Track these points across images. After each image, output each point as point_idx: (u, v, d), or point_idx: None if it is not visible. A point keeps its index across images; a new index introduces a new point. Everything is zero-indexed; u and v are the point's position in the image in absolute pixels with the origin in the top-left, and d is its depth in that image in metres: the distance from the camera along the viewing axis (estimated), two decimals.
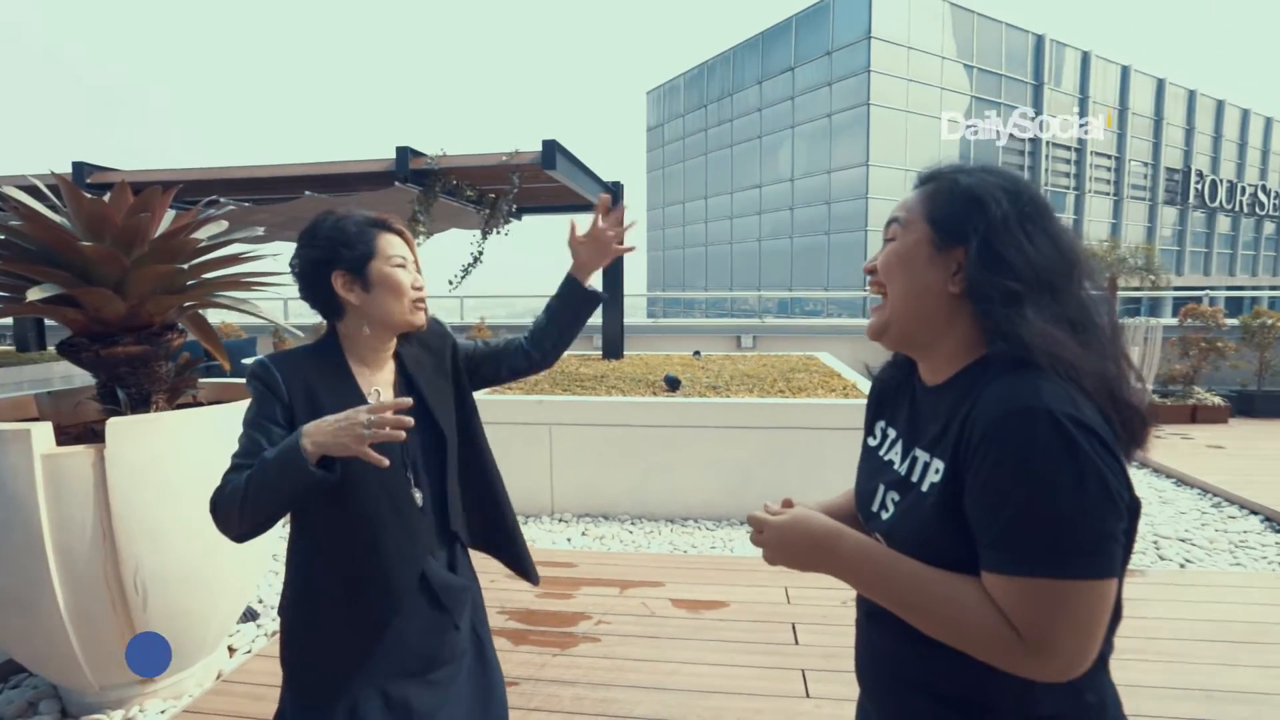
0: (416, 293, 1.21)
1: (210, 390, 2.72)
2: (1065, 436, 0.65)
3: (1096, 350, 0.73)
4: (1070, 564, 0.64)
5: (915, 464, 0.82)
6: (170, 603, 2.08)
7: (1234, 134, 37.45)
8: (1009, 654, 0.67)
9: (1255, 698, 2.16)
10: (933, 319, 0.80)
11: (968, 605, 0.70)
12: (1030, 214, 0.76)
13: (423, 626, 1.20)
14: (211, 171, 5.16)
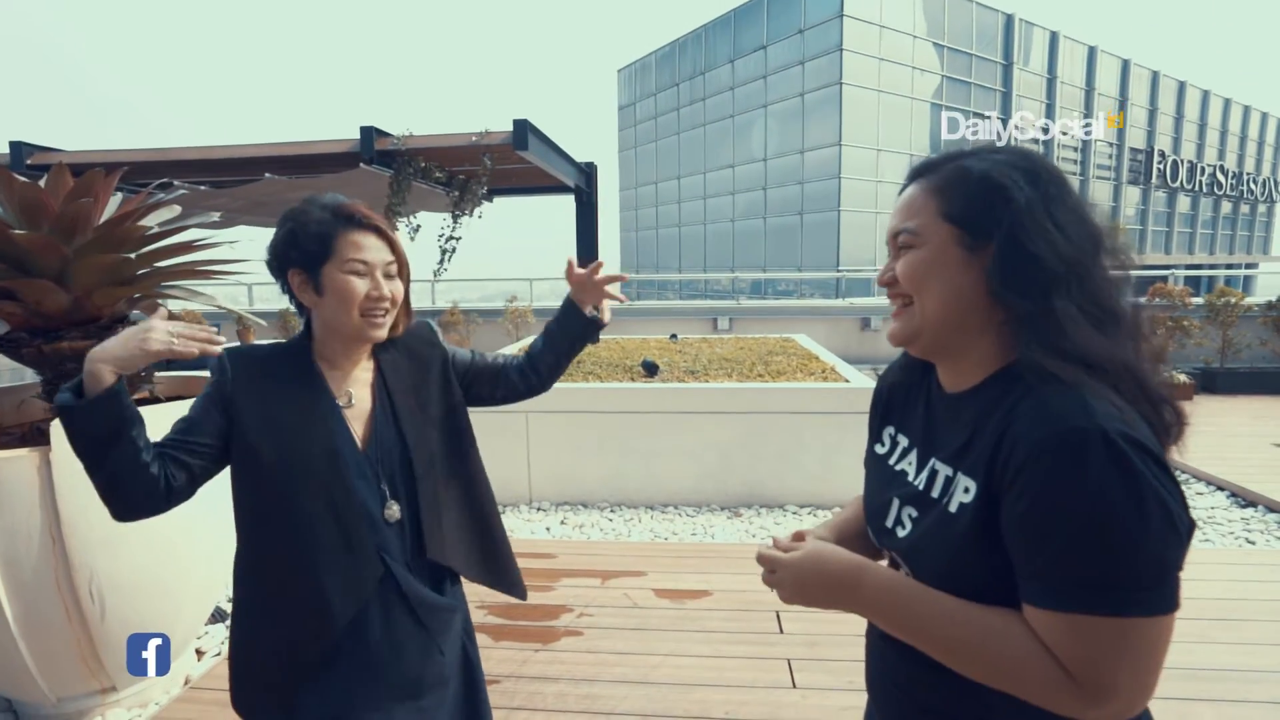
0: (372, 303, 1.08)
1: (169, 385, 2.58)
2: (1121, 458, 0.59)
3: (1120, 339, 0.68)
4: (1131, 600, 0.59)
5: (936, 478, 0.75)
6: (130, 610, 1.98)
7: (1195, 115, 38.27)
8: (1060, 696, 0.62)
9: (1231, 674, 2.20)
10: (969, 324, 0.74)
11: (1010, 644, 0.64)
12: (1054, 195, 0.70)
13: (404, 646, 1.12)
14: (162, 153, 4.92)
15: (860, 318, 9.56)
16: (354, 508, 1.07)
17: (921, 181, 0.77)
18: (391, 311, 1.12)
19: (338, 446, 1.08)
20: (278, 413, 1.07)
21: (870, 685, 0.89)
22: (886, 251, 0.82)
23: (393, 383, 1.17)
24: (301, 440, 1.06)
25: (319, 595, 1.05)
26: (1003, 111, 30.86)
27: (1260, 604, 2.68)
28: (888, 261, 0.80)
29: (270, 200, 5.54)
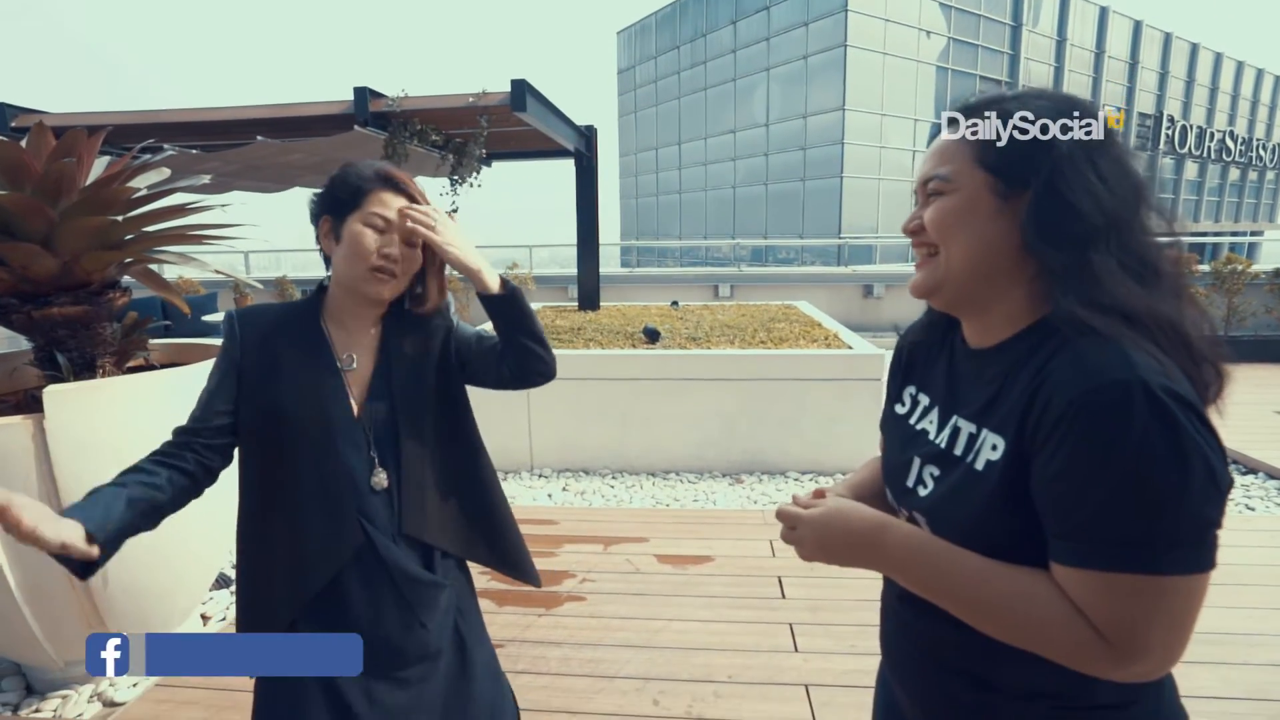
0: (382, 260, 1.06)
1: (165, 352, 2.55)
2: (1164, 413, 0.56)
3: (1163, 295, 0.64)
4: (1168, 558, 0.57)
5: (958, 436, 0.73)
6: (132, 577, 1.98)
7: (1206, 79, 37.49)
8: (1090, 656, 0.60)
9: (1231, 638, 2.21)
10: (996, 277, 0.70)
11: (1038, 604, 0.62)
12: (1096, 142, 0.66)
13: (385, 618, 1.10)
14: (149, 114, 4.79)
15: (863, 284, 9.48)
16: (339, 472, 1.07)
17: (955, 127, 0.73)
18: (400, 277, 1.10)
19: (330, 409, 1.08)
20: (279, 372, 1.08)
21: (887, 649, 0.88)
22: (914, 200, 0.78)
23: (394, 350, 1.15)
24: (296, 400, 1.07)
25: (298, 557, 1.07)
26: (1010, 75, 30.22)
27: (1260, 569, 2.69)
28: (915, 209, 0.77)
29: (264, 164, 5.42)
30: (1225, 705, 1.90)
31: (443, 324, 1.21)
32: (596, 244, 6.65)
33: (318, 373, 1.09)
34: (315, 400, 1.07)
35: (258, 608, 1.12)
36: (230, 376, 1.09)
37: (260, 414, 1.07)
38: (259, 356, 1.08)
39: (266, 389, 1.07)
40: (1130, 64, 34.16)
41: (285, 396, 1.07)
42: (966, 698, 0.74)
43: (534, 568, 1.31)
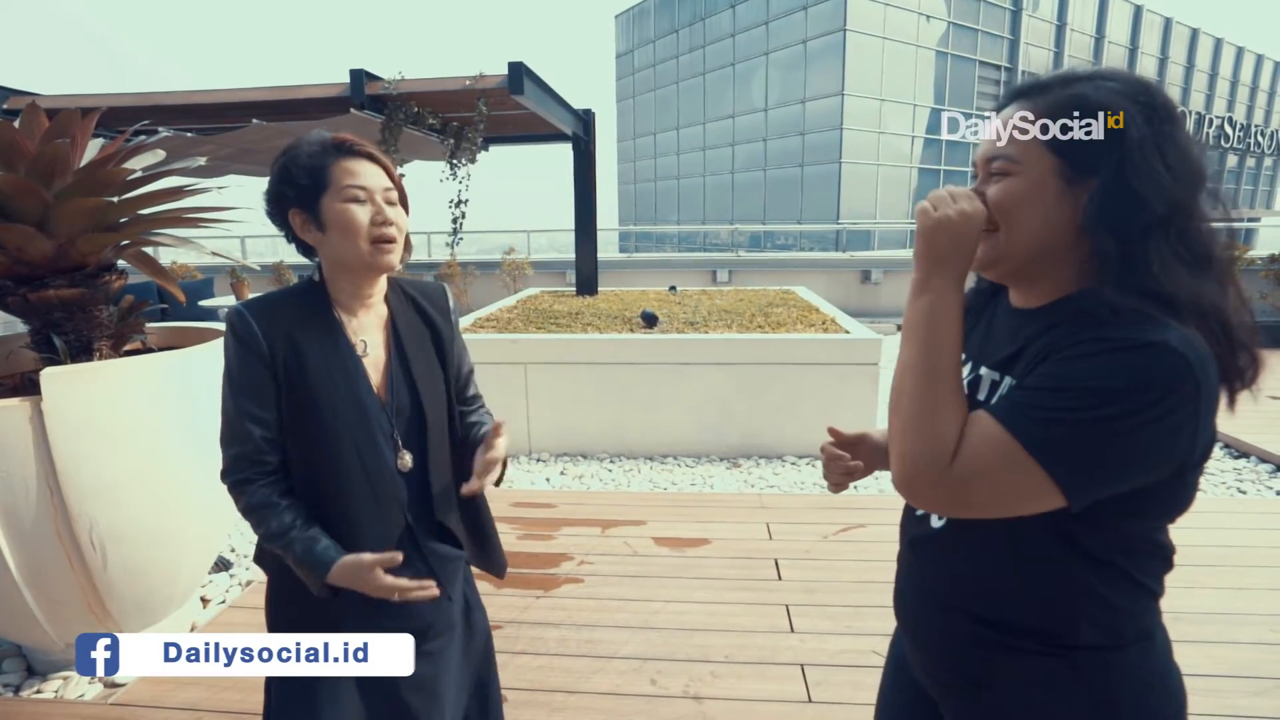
0: (378, 229, 1.03)
1: (163, 335, 2.54)
2: (1171, 377, 0.60)
3: (1210, 282, 0.67)
4: (1057, 459, 0.62)
5: (981, 382, 0.78)
6: (132, 558, 1.99)
7: (1206, 65, 37.26)
8: (932, 466, 0.66)
9: (1219, 618, 2.24)
10: (1052, 256, 0.73)
11: (955, 409, 0.68)
12: (1166, 133, 0.67)
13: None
14: (143, 97, 4.74)
15: (860, 270, 9.47)
16: (379, 458, 1.08)
17: (1025, 103, 0.73)
18: (400, 239, 1.08)
19: (362, 395, 1.07)
20: (310, 361, 1.04)
21: (899, 603, 0.91)
22: (972, 174, 0.80)
23: (405, 335, 1.15)
24: (332, 388, 1.05)
25: (349, 545, 1.06)
26: (1010, 60, 30.01)
27: (1249, 550, 2.72)
28: (975, 185, 0.78)
29: (259, 147, 5.37)
30: (1211, 683, 1.93)
31: (452, 327, 1.22)
32: (594, 229, 6.62)
33: (341, 360, 1.06)
34: (348, 387, 1.06)
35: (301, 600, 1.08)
36: (265, 378, 1.03)
37: (297, 408, 1.04)
38: (285, 346, 1.03)
39: (300, 382, 1.04)
40: (1130, 49, 33.92)
41: (319, 387, 1.04)
42: (962, 632, 0.78)
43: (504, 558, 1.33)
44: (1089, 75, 0.71)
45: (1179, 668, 0.77)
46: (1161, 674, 0.73)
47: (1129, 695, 0.71)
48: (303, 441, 1.04)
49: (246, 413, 1.02)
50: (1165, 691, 0.73)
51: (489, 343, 4.14)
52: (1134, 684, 0.72)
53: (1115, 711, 0.71)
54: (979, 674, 0.78)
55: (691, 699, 1.91)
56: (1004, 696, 0.76)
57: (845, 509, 3.17)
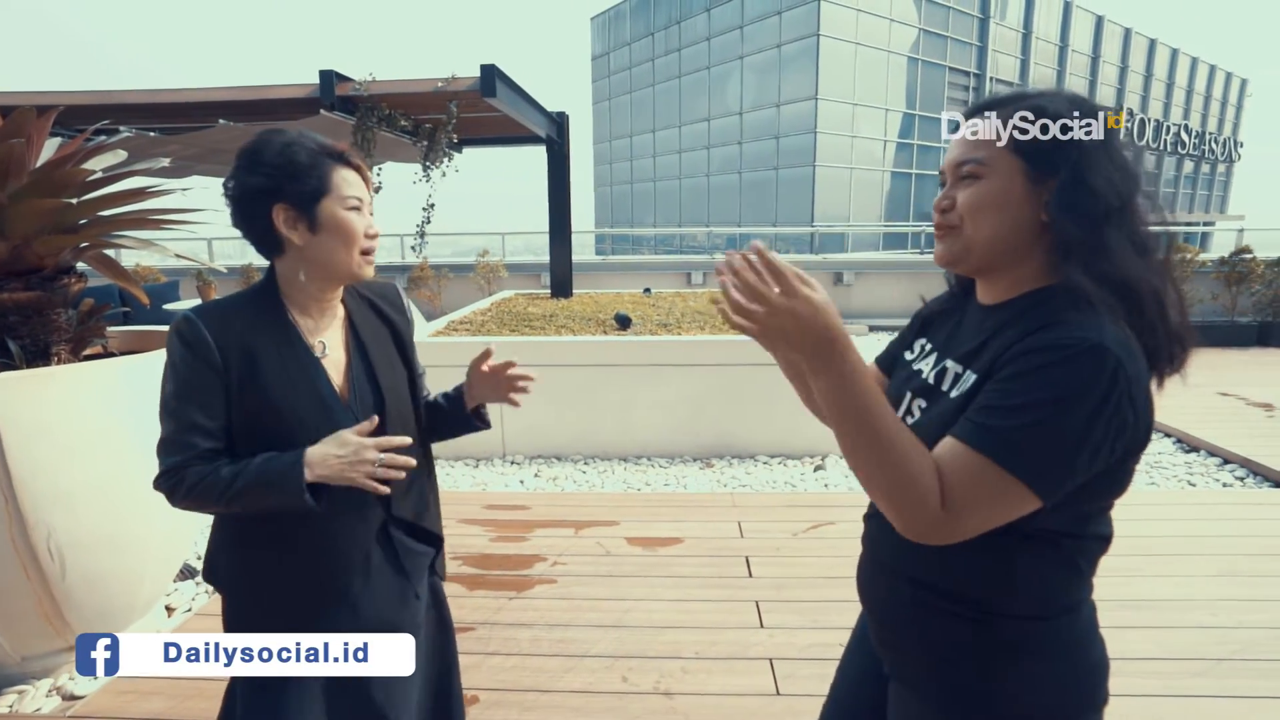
0: (369, 242, 1.07)
1: (124, 339, 2.50)
2: (1110, 377, 0.66)
3: (1153, 268, 0.75)
4: (1031, 470, 0.68)
5: (945, 374, 0.84)
6: (91, 567, 1.95)
7: (1163, 73, 38.49)
8: (920, 508, 0.69)
9: (1164, 604, 2.34)
10: (1016, 250, 0.80)
11: (916, 455, 0.70)
12: (1111, 138, 0.76)
13: (384, 593, 1.13)
14: (103, 95, 4.63)
15: (833, 272, 9.60)
16: None
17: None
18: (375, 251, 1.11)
19: (324, 395, 1.07)
20: (264, 366, 1.02)
21: (858, 568, 0.97)
22: (940, 181, 0.87)
23: (365, 335, 1.15)
24: (292, 392, 1.04)
25: (325, 548, 1.06)
26: (978, 66, 30.67)
27: (1196, 539, 2.83)
28: (946, 189, 0.84)
29: (227, 148, 5.27)
30: (1155, 665, 2.01)
31: (408, 325, 1.23)
32: (569, 231, 6.63)
33: (299, 363, 1.05)
34: (309, 389, 1.05)
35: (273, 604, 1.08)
36: (216, 386, 1.00)
37: (252, 414, 1.02)
38: (237, 352, 1.01)
39: (254, 388, 1.01)
40: (1092, 58, 34.92)
41: (276, 392, 1.02)
42: (907, 596, 0.85)
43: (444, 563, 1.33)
44: (1042, 92, 0.80)
45: (1104, 643, 0.82)
46: (1080, 645, 0.79)
47: (1044, 662, 0.78)
48: (263, 447, 1.01)
49: (192, 423, 0.99)
50: (1083, 663, 0.79)
51: (461, 345, 4.12)
52: (1051, 653, 0.78)
53: (1031, 677, 0.78)
54: (916, 635, 0.85)
55: (662, 695, 1.93)
56: (935, 657, 0.83)
57: (816, 506, 3.23)
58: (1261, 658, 2.05)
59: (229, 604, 1.12)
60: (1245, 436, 4.13)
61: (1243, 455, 3.85)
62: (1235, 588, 2.44)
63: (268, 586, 1.09)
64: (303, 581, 1.09)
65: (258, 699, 1.08)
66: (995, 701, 0.79)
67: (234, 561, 1.10)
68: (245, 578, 1.10)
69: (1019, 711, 0.79)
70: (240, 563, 1.10)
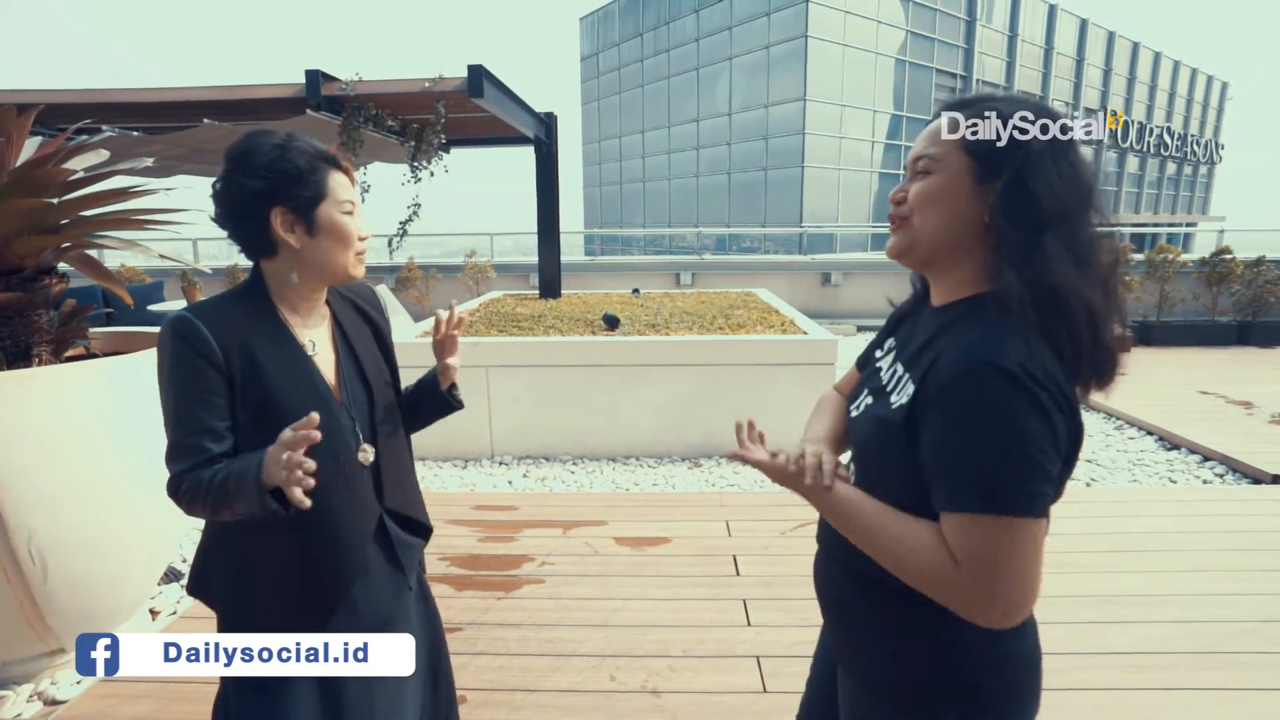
0: (361, 244, 1.10)
1: (108, 340, 2.48)
2: (1019, 389, 0.69)
3: (1092, 282, 0.76)
4: (1013, 501, 0.70)
5: (895, 375, 0.87)
6: (74, 570, 1.93)
7: (1146, 76, 38.96)
8: (952, 591, 0.73)
9: (1140, 599, 2.38)
10: (958, 247, 0.83)
11: (919, 544, 0.75)
12: (1062, 149, 0.78)
13: (379, 587, 1.14)
14: (86, 94, 4.59)
15: (821, 273, 9.65)
16: (348, 451, 1.10)
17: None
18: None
19: (324, 393, 1.08)
20: (264, 364, 1.03)
21: (815, 563, 1.02)
22: (883, 184, 0.88)
23: (351, 333, 1.17)
24: (294, 390, 1.05)
25: (330, 546, 1.06)
26: (964, 69, 30.93)
27: (1174, 536, 2.88)
28: (904, 182, 0.88)
29: (212, 147, 5.23)
30: (1131, 659, 2.05)
31: (387, 324, 1.26)
32: (557, 232, 6.62)
33: (296, 361, 1.06)
34: (310, 387, 1.07)
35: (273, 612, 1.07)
36: (220, 385, 0.99)
37: (256, 412, 1.02)
38: (240, 355, 1.01)
39: (257, 386, 1.02)
40: (1077, 60, 35.29)
41: (277, 390, 1.03)
42: (851, 587, 0.91)
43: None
44: (1004, 98, 0.82)
45: (1034, 644, 0.84)
46: (998, 636, 0.80)
47: (962, 649, 0.81)
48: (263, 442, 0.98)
49: (199, 425, 0.98)
50: (1013, 652, 0.82)
51: None
52: (966, 640, 0.80)
53: (948, 661, 0.82)
54: (857, 624, 0.91)
55: (650, 693, 1.94)
56: (873, 645, 0.89)
57: (803, 506, 3.20)
58: (1233, 650, 2.09)
59: (222, 613, 1.10)
60: (1225, 434, 4.20)
61: (1222, 453, 3.91)
62: (1211, 582, 2.49)
63: (266, 595, 1.08)
64: (304, 585, 1.08)
65: (251, 702, 1.07)
66: (912, 683, 0.84)
67: (229, 570, 1.09)
68: (239, 587, 1.08)
69: (932, 692, 0.83)
70: (235, 572, 1.08)
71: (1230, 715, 1.84)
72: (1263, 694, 1.91)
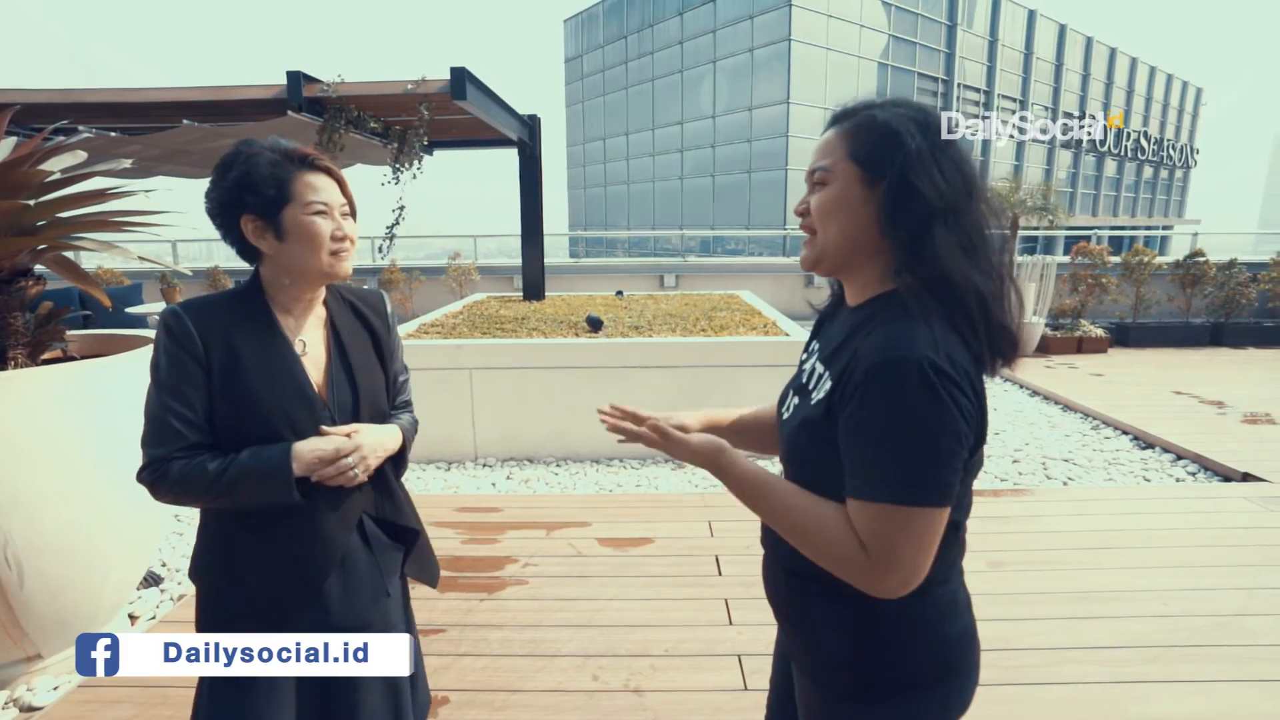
0: (337, 243, 1.09)
1: (86, 343, 2.45)
2: (928, 386, 0.72)
3: (982, 268, 0.80)
4: (918, 493, 0.74)
5: (814, 374, 0.90)
6: (52, 575, 1.91)
7: (1123, 81, 39.70)
8: (856, 569, 0.77)
9: (1119, 595, 2.43)
10: (861, 251, 0.86)
11: (828, 525, 0.79)
12: (939, 145, 0.81)
13: (355, 589, 1.14)
14: (63, 94, 4.53)
15: (804, 275, 9.73)
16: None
17: (837, 127, 0.88)
18: (353, 250, 1.13)
19: (309, 395, 1.10)
20: (246, 360, 1.05)
21: (762, 570, 1.05)
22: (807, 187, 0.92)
23: (345, 335, 1.18)
24: (276, 388, 1.07)
25: (308, 539, 1.08)
26: (946, 73, 31.32)
27: (1149, 533, 2.94)
28: (805, 195, 0.91)
29: (192, 149, 5.19)
30: (1110, 654, 2.09)
31: (389, 331, 1.26)
32: (541, 234, 6.63)
33: (283, 361, 1.08)
34: (294, 385, 1.08)
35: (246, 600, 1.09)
36: (198, 377, 1.02)
37: (235, 408, 1.04)
38: (222, 348, 1.03)
39: (236, 382, 1.04)
40: (1056, 65, 35.87)
41: (256, 387, 1.05)
42: (785, 583, 0.95)
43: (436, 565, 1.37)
44: (882, 103, 0.85)
45: (967, 622, 0.88)
46: (933, 623, 0.85)
47: (898, 637, 0.85)
48: (246, 442, 1.04)
49: (175, 413, 1.01)
50: (939, 636, 0.85)
51: (433, 348, 4.10)
52: (902, 629, 0.84)
53: (887, 649, 0.85)
54: (796, 618, 0.95)
55: (632, 692, 1.96)
56: (811, 636, 0.92)
57: None
58: (1208, 644, 2.15)
59: (203, 598, 1.13)
60: (1197, 433, 4.30)
61: (1195, 451, 4.00)
62: (1185, 578, 2.55)
63: (243, 582, 1.10)
64: (280, 578, 1.09)
65: (225, 705, 1.08)
66: (859, 672, 0.87)
67: (213, 558, 1.12)
68: (222, 572, 1.11)
69: (875, 680, 0.86)
70: (220, 558, 1.11)
71: (1207, 707, 1.89)
72: (1238, 685, 1.96)
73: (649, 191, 35.09)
